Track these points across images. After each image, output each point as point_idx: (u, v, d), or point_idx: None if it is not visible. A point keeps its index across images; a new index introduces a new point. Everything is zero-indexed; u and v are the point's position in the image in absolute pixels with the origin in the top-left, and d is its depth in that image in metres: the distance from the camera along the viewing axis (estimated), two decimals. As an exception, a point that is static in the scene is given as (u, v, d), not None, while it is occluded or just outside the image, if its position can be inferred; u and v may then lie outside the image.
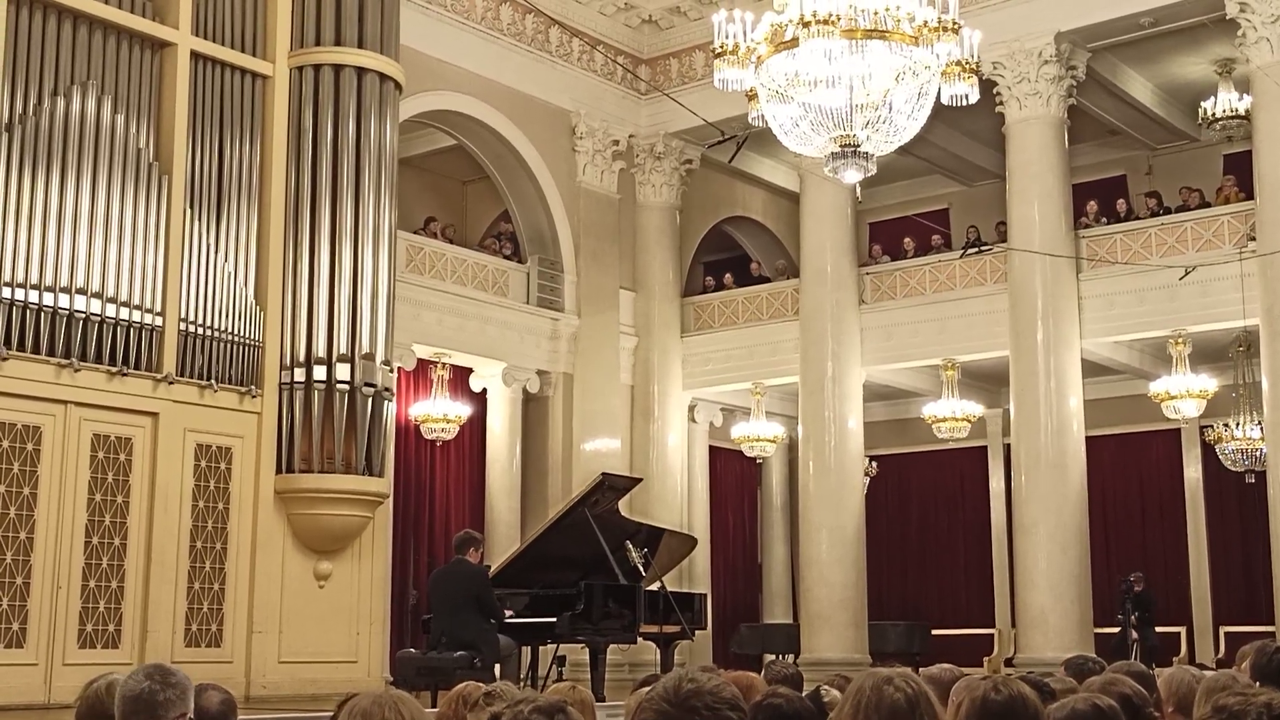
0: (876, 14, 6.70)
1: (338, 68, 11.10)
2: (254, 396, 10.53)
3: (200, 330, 10.28)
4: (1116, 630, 15.60)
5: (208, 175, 10.57)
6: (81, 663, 9.20)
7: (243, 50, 10.90)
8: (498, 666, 10.38)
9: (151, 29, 10.37)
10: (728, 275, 18.85)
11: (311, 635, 10.67)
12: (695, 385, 18.12)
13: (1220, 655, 16.76)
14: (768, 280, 18.71)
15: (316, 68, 11.08)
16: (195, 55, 10.56)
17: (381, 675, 11.36)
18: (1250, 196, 14.38)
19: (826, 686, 4.34)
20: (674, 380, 17.85)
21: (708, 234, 19.67)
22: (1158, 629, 16.24)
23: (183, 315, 10.18)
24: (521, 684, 10.87)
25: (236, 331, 10.49)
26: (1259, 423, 15.35)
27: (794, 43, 6.79)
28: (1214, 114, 16.29)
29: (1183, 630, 17.96)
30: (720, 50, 7.03)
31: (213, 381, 10.29)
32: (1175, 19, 14.72)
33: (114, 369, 9.76)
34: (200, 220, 10.42)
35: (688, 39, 17.36)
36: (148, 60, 10.39)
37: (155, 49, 10.45)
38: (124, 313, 9.85)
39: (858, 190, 15.11)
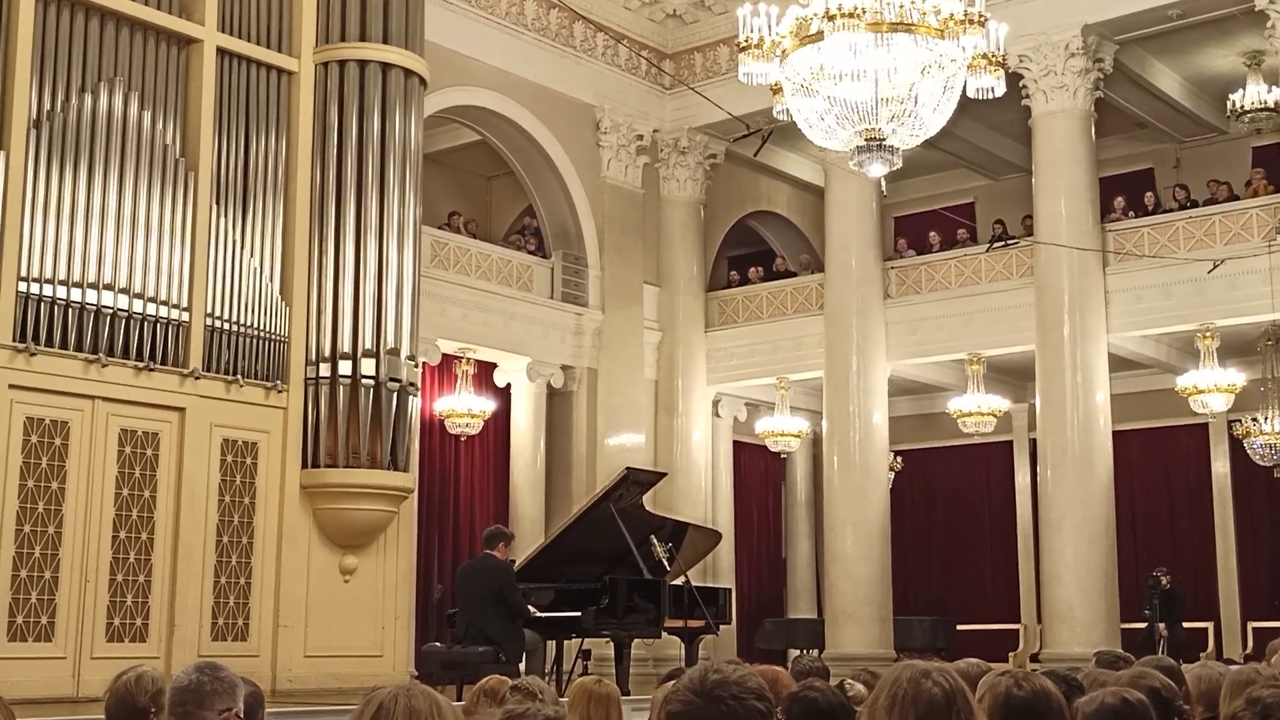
0: (902, 7, 6.66)
1: (363, 63, 11.13)
2: (280, 391, 10.57)
3: (226, 325, 10.32)
4: (1143, 626, 15.53)
5: (234, 171, 10.60)
6: (109, 656, 9.25)
7: (268, 46, 10.93)
8: (523, 661, 10.40)
9: (178, 25, 10.41)
10: (752, 269, 18.82)
11: (337, 630, 10.71)
12: (719, 380, 18.11)
13: (1248, 651, 16.65)
14: (792, 275, 18.68)
15: (342, 63, 11.11)
16: (221, 51, 10.60)
17: (407, 670, 11.39)
18: (1279, 189, 14.27)
19: (851, 680, 4.33)
20: (698, 375, 17.84)
21: (732, 228, 19.65)
22: (1185, 624, 16.16)
23: (209, 311, 10.23)
24: (547, 678, 10.89)
25: (262, 327, 10.53)
26: (1288, 417, 15.25)
27: (819, 36, 6.76)
28: (1243, 106, 16.17)
29: (1210, 626, 17.86)
30: (745, 44, 7.01)
31: (239, 376, 10.33)
32: (1203, 11, 14.63)
33: (141, 364, 9.81)
34: (226, 216, 10.46)
35: (712, 33, 17.34)
36: (174, 57, 10.43)
37: (181, 45, 10.49)
38: (151, 308, 9.90)
39: (883, 184, 14.99)
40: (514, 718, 2.88)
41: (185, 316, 10.10)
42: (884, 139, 6.97)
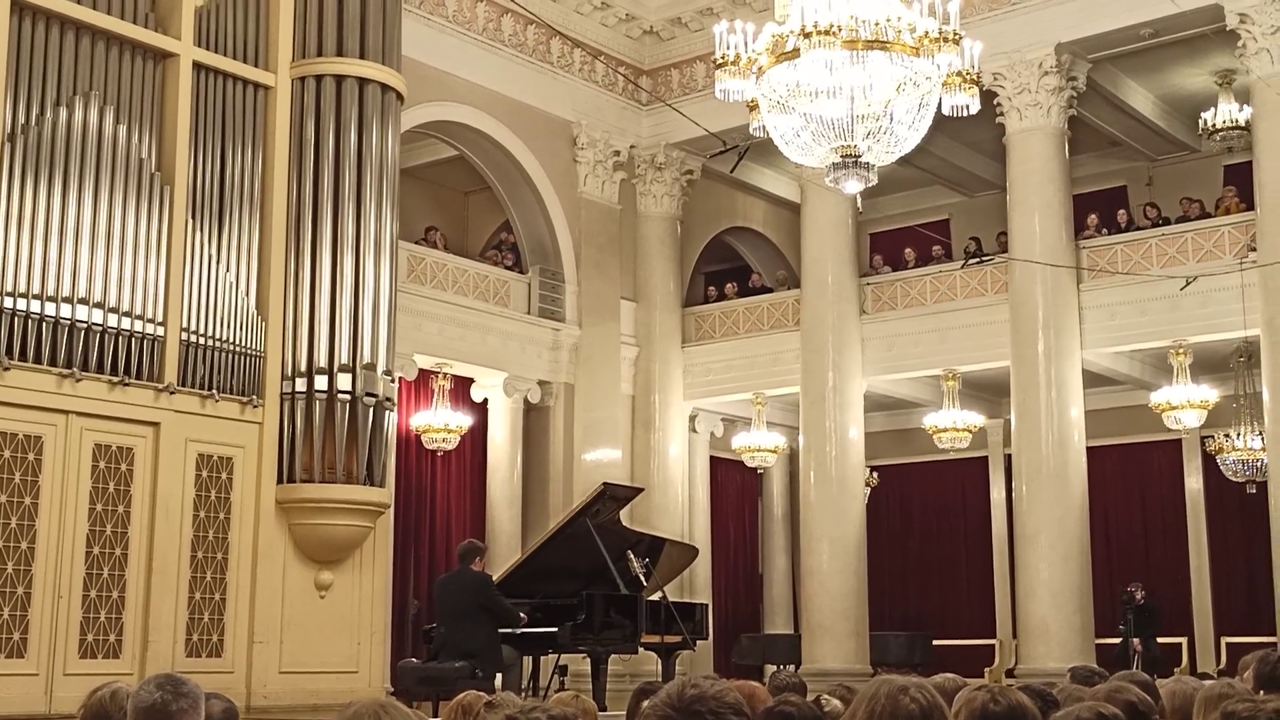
0: (877, 25, 6.71)
1: (339, 78, 11.11)
2: (255, 406, 10.53)
3: (202, 340, 10.27)
4: (1118, 641, 15.58)
5: (210, 185, 10.57)
6: (82, 673, 9.19)
7: (245, 61, 10.91)
8: (499, 676, 10.38)
9: (154, 40, 10.38)
10: (729, 285, 18.86)
11: (312, 645, 10.65)
12: (696, 395, 18.13)
13: (1222, 666, 16.73)
14: (769, 290, 18.73)
15: (318, 78, 11.09)
16: (197, 66, 10.57)
17: (382, 685, 11.34)
18: (1251, 207, 14.40)
19: (827, 696, 4.34)
20: (675, 390, 17.85)
21: (709, 244, 19.69)
22: (1159, 639, 16.23)
23: (184, 325, 10.18)
24: (523, 694, 10.86)
25: (238, 341, 10.49)
26: (1260, 433, 15.35)
27: (795, 53, 6.80)
28: (1214, 125, 16.32)
29: (1184, 641, 17.95)
30: (721, 61, 7.04)
31: (214, 391, 10.29)
32: (1175, 30, 14.75)
33: (115, 379, 9.75)
34: (202, 230, 10.42)
35: (689, 50, 17.40)
36: (150, 71, 10.40)
37: (157, 60, 10.46)
38: (125, 323, 9.85)
39: (858, 201, 15.07)
40: (518, 716, 2.87)
41: (160, 331, 10.05)
42: (859, 156, 7.01)
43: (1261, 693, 3.81)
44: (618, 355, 17.32)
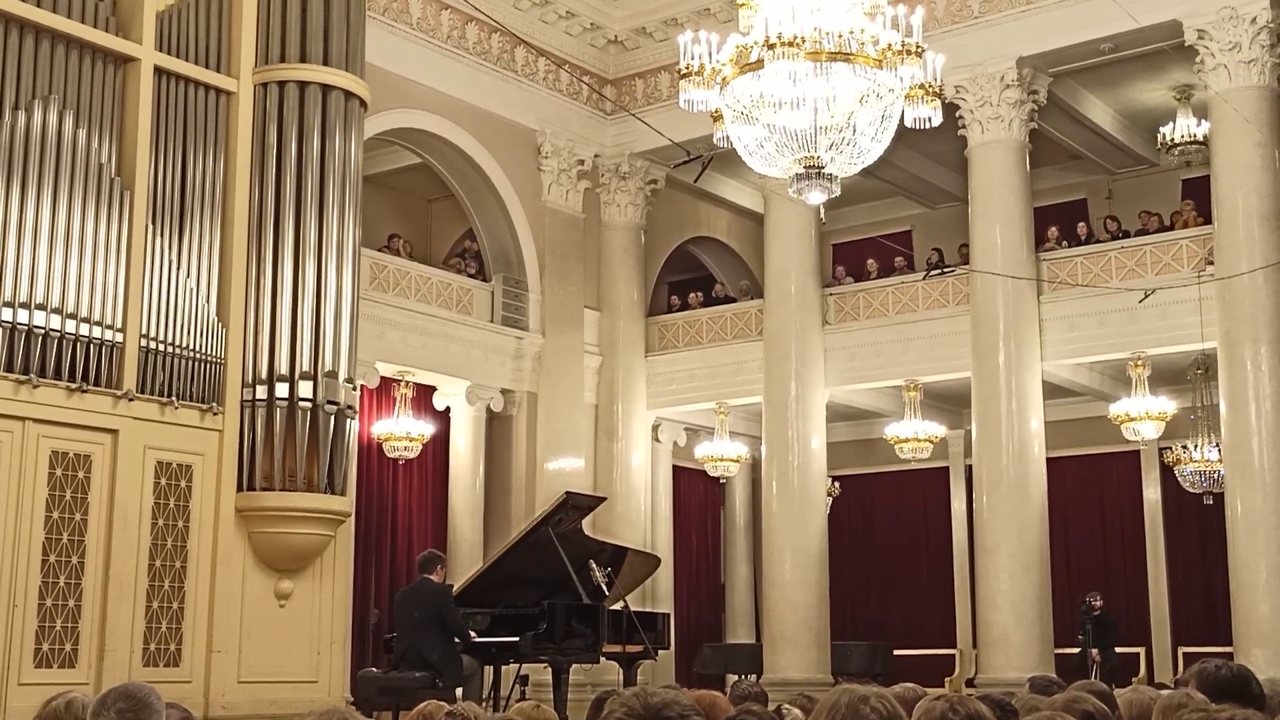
0: (841, 37, 6.74)
1: (303, 84, 11.07)
2: (215, 414, 10.46)
3: (161, 347, 10.20)
4: (1077, 651, 15.68)
5: (170, 191, 10.50)
6: (37, 682, 9.08)
7: (207, 66, 10.85)
8: (460, 686, 10.34)
9: (115, 44, 10.31)
10: (692, 295, 18.88)
11: (272, 655, 10.58)
12: (659, 405, 18.14)
13: (1179, 675, 16.81)
14: (732, 300, 18.77)
15: (281, 84, 11.04)
16: (159, 70, 10.50)
17: (342, 695, 11.28)
18: (1208, 221, 14.55)
19: (788, 706, 4.35)
20: (638, 400, 17.85)
21: (672, 254, 19.72)
22: (1117, 649, 16.34)
23: (144, 331, 10.10)
24: (484, 704, 10.82)
25: (198, 348, 10.42)
26: (1217, 445, 15.50)
27: (759, 64, 6.82)
28: (1173, 139, 16.50)
29: (1142, 651, 18.09)
30: (686, 71, 7.05)
31: (174, 398, 10.21)
32: (1135, 45, 14.90)
33: (73, 385, 9.67)
34: (162, 236, 10.35)
35: (653, 60, 17.42)
36: (111, 75, 10.33)
37: (118, 64, 10.39)
38: (84, 329, 9.77)
39: (821, 211, 15.10)
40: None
41: (119, 337, 9.97)
42: (823, 167, 7.03)
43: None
44: (581, 364, 17.31)
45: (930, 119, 7.18)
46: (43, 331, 9.55)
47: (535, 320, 16.85)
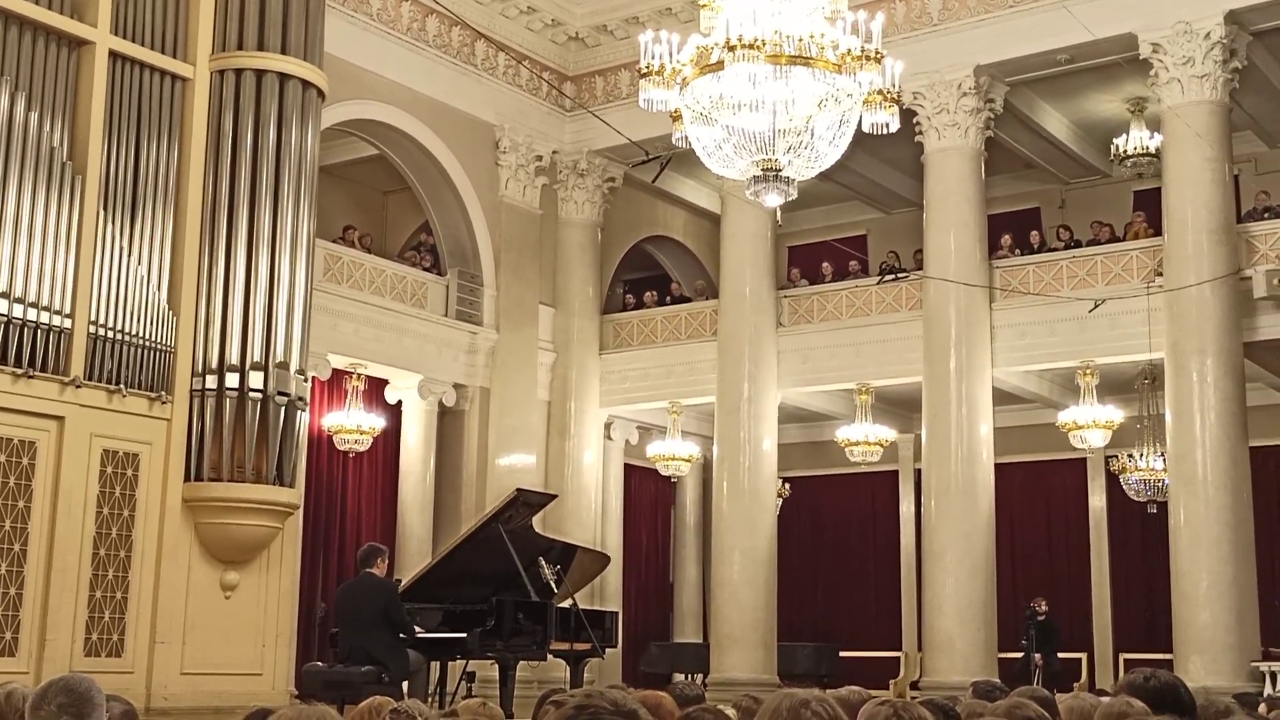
0: (801, 41, 6.77)
1: (260, 73, 10.97)
2: (164, 403, 10.35)
3: (110, 334, 10.08)
4: (1020, 655, 15.82)
5: (123, 177, 10.37)
6: (-24, 671, 8.96)
7: (163, 52, 10.73)
8: (405, 682, 10.29)
9: (69, 26, 10.18)
10: (648, 294, 18.89)
11: (216, 647, 10.49)
12: (612, 403, 18.13)
13: (1114, 685, 17.04)
14: (687, 300, 18.80)
15: (238, 72, 10.94)
16: (114, 55, 10.38)
17: (287, 688, 11.20)
18: (1159, 233, 14.72)
19: (721, 706, 4.36)
20: (591, 397, 17.84)
21: (628, 252, 19.72)
22: (1060, 655, 16.50)
23: (92, 318, 9.98)
24: (430, 700, 10.78)
25: (148, 336, 10.30)
26: (1162, 454, 15.68)
27: (719, 66, 6.84)
28: (1126, 151, 16.68)
29: (1084, 656, 18.27)
30: (646, 70, 7.06)
31: (122, 386, 10.10)
32: (1091, 57, 15.05)
33: (19, 371, 9.54)
34: (114, 222, 10.23)
35: (614, 58, 17.41)
36: (64, 58, 10.19)
37: (73, 47, 10.26)
38: (31, 314, 9.64)
39: (778, 214, 15.26)
40: None
41: (67, 323, 9.85)
42: (780, 170, 7.06)
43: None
44: (535, 360, 17.28)
45: (888, 125, 7.23)
46: (-11, 316, 9.41)
47: (490, 315, 16.81)
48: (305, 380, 11.06)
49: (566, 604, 11.21)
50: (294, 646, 12.08)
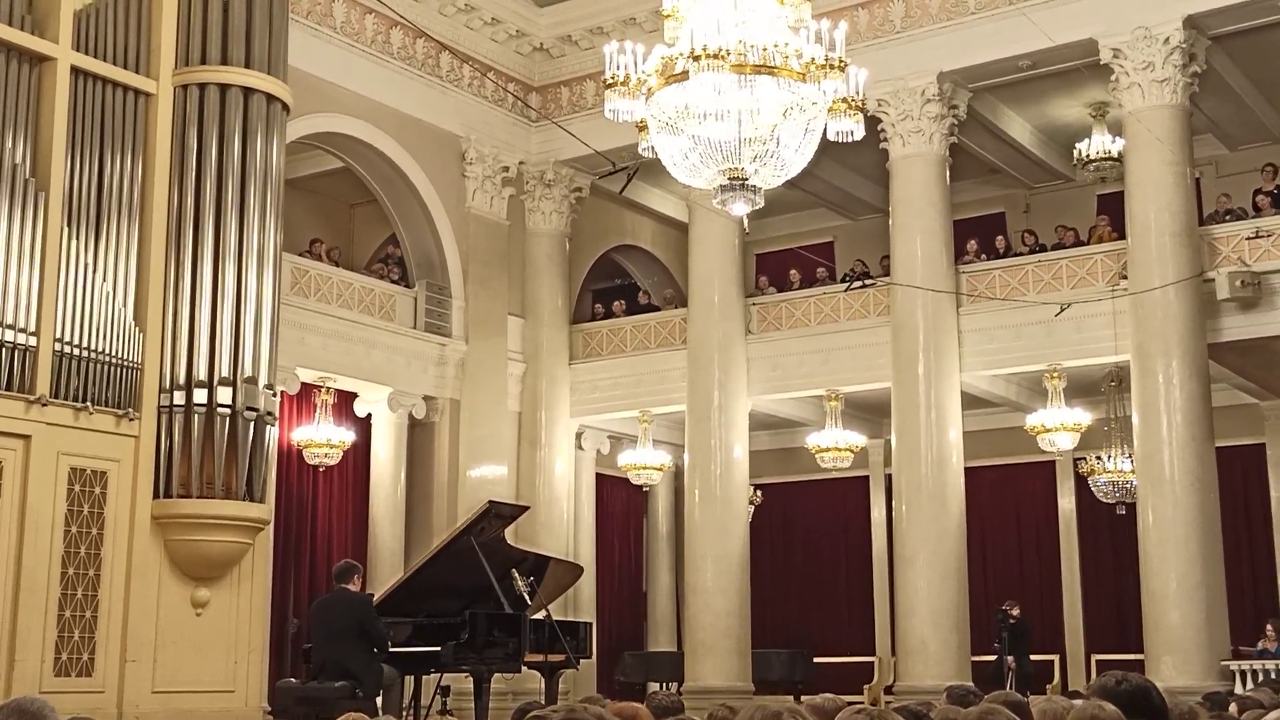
0: (765, 50, 6.79)
1: (224, 87, 10.93)
2: (132, 419, 10.29)
3: (76, 351, 10.02)
4: (993, 659, 15.89)
5: (87, 193, 10.32)
6: (-57, 694, 8.88)
7: (125, 67, 10.68)
8: (379, 697, 10.25)
9: (30, 43, 10.12)
10: (617, 303, 18.90)
11: (187, 664, 10.43)
12: (583, 413, 18.12)
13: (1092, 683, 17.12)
14: (656, 309, 18.81)
15: (202, 86, 10.90)
16: (76, 70, 10.32)
17: (260, 705, 11.14)
18: (1122, 236, 14.82)
19: (696, 717, 4.36)
20: (561, 407, 17.83)
21: (597, 262, 19.73)
22: (1032, 657, 16.58)
23: (58, 335, 9.92)
24: (405, 714, 10.75)
25: (114, 353, 10.24)
26: (1129, 455, 15.79)
27: (684, 76, 6.85)
28: (1088, 155, 16.80)
29: (1056, 659, 18.36)
30: (611, 81, 7.07)
31: (89, 404, 10.03)
32: (1053, 63, 15.17)
33: (-16, 390, 9.46)
34: (78, 238, 10.17)
35: (579, 68, 17.43)
36: (26, 74, 10.12)
37: (34, 63, 10.20)
38: (-4, 332, 9.57)
39: (745, 222, 15.24)
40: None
41: (33, 341, 9.78)
42: (746, 178, 7.08)
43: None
44: (504, 371, 17.25)
45: (853, 132, 7.26)
46: (-47, 335, 9.34)
47: (458, 327, 16.78)
48: (274, 395, 11.02)
49: (540, 615, 11.19)
50: (266, 662, 12.01)
